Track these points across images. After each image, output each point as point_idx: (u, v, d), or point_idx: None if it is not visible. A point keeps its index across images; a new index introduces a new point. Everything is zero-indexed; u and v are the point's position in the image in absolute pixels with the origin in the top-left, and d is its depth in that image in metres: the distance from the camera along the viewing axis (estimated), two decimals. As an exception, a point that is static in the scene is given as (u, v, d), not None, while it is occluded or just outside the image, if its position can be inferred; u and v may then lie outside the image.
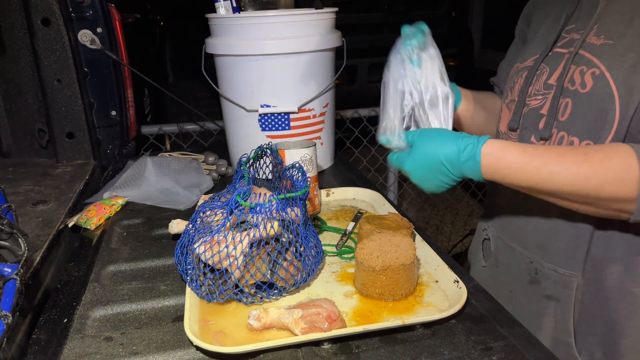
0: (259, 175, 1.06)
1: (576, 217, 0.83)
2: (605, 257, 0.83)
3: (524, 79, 0.90)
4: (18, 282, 0.72)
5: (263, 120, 1.32)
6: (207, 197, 1.11)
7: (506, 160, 0.77)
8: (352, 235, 1.05)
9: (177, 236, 1.02)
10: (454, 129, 0.91)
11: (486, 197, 1.10)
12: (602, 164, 0.72)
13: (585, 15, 0.84)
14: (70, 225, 1.11)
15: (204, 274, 0.81)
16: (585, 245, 0.84)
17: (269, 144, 1.03)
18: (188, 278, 0.83)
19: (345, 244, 1.01)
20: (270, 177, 1.07)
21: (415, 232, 0.99)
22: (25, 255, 0.77)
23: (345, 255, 0.97)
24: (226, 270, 0.79)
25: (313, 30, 1.27)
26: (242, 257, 0.79)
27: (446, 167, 0.79)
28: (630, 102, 0.73)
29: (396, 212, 1.08)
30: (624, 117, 0.74)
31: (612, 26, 0.79)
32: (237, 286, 0.80)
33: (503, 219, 0.99)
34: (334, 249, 0.98)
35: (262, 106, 1.30)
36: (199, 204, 1.13)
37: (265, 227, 0.80)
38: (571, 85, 0.81)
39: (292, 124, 1.32)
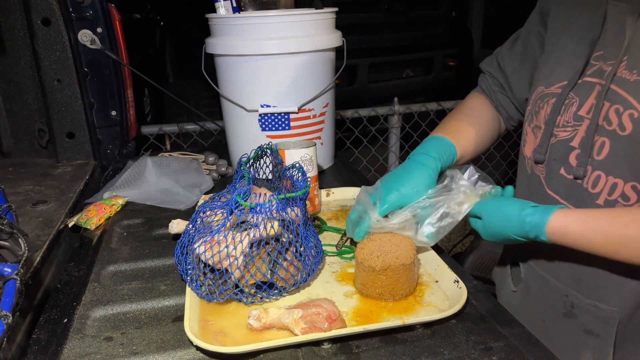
0: (259, 175, 1.06)
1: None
2: None
3: (550, 106, 0.86)
4: (18, 282, 0.72)
5: (263, 120, 1.32)
6: (207, 197, 1.11)
7: (571, 237, 0.76)
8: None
9: (177, 236, 1.02)
10: None
11: None
12: None
13: (612, 43, 0.80)
14: (70, 225, 1.11)
15: (204, 274, 0.81)
16: (630, 282, 0.80)
17: (269, 144, 1.03)
18: (188, 278, 0.83)
19: (345, 243, 1.01)
20: (270, 177, 1.07)
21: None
22: (26, 255, 0.77)
23: (346, 255, 0.97)
24: (226, 270, 0.79)
25: (313, 30, 1.27)
26: (242, 257, 0.79)
27: (519, 239, 0.80)
28: None
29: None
30: None
31: None
32: (237, 286, 0.80)
33: (535, 246, 0.89)
34: (334, 249, 0.98)
35: (262, 106, 1.30)
36: (199, 204, 1.13)
37: (265, 227, 0.80)
38: (607, 125, 0.77)
39: (292, 124, 1.32)
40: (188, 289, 0.82)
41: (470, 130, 1.02)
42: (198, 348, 0.71)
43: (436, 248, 0.94)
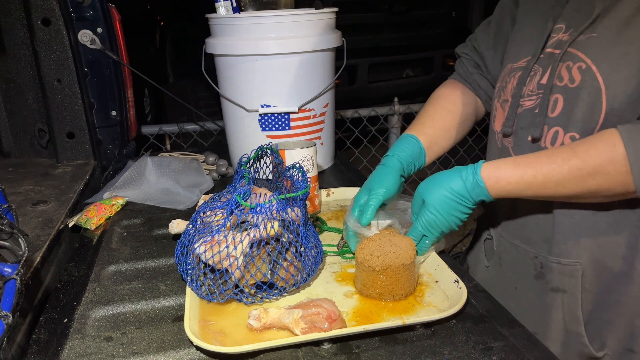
0: (259, 175, 1.06)
1: (576, 206, 0.85)
2: (610, 242, 0.84)
3: (517, 79, 0.91)
4: (18, 282, 0.72)
5: (263, 120, 1.32)
6: (207, 197, 1.11)
7: (504, 177, 0.81)
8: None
9: (177, 236, 1.02)
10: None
11: None
12: (588, 153, 0.75)
13: (573, 17, 0.86)
14: (70, 225, 1.11)
15: (204, 274, 0.81)
16: (588, 232, 0.85)
17: (269, 144, 1.03)
18: (188, 278, 0.83)
19: (346, 243, 1.01)
20: (270, 177, 1.07)
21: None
22: (26, 255, 0.77)
23: (347, 255, 0.97)
24: (226, 270, 0.79)
25: (313, 30, 1.27)
26: (242, 257, 0.79)
27: (460, 200, 0.83)
28: (617, 93, 0.76)
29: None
30: (611, 107, 0.77)
31: (597, 19, 0.80)
32: (237, 286, 0.80)
33: (505, 217, 1.00)
34: (334, 249, 0.98)
35: (262, 106, 1.30)
36: (199, 204, 1.13)
37: (265, 227, 0.80)
38: (559, 82, 0.83)
39: (292, 124, 1.32)
40: (188, 289, 0.82)
41: (437, 118, 1.07)
42: (198, 348, 0.71)
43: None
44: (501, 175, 0.81)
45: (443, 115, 1.07)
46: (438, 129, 1.05)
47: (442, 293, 0.84)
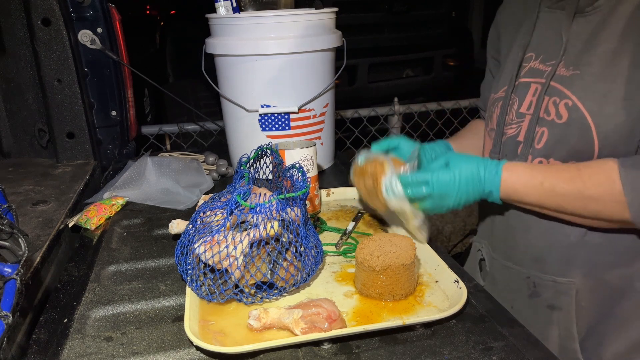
0: (259, 175, 1.06)
1: (566, 227, 0.87)
2: (604, 260, 0.87)
3: (499, 109, 0.96)
4: (18, 282, 0.72)
5: (263, 120, 1.32)
6: (207, 197, 1.11)
7: (517, 174, 0.84)
8: (353, 235, 1.05)
9: (177, 236, 1.02)
10: None
11: (480, 219, 1.12)
12: (591, 179, 0.78)
13: (540, 44, 0.91)
14: (70, 225, 1.11)
15: (204, 274, 0.81)
16: (580, 252, 0.87)
17: (269, 144, 1.03)
18: (188, 278, 0.83)
19: (346, 242, 1.01)
20: (270, 177, 1.07)
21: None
22: (26, 255, 0.77)
23: (349, 255, 0.97)
24: (226, 270, 0.79)
25: (313, 30, 1.27)
26: (242, 257, 0.79)
27: (481, 178, 0.85)
28: (608, 130, 0.79)
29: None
30: (603, 144, 0.80)
31: (577, 56, 0.84)
32: (237, 286, 0.80)
33: (495, 239, 1.03)
34: (334, 249, 0.98)
35: (262, 106, 1.30)
36: (199, 204, 1.13)
37: (265, 227, 0.80)
38: (547, 116, 0.86)
39: (292, 124, 1.32)
40: (188, 289, 0.82)
41: (468, 136, 1.14)
42: (198, 348, 0.71)
43: (436, 248, 0.94)
44: (515, 170, 0.84)
45: (475, 140, 1.12)
46: (469, 142, 1.12)
47: (442, 293, 0.84)
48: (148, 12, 3.54)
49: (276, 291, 0.83)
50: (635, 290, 0.86)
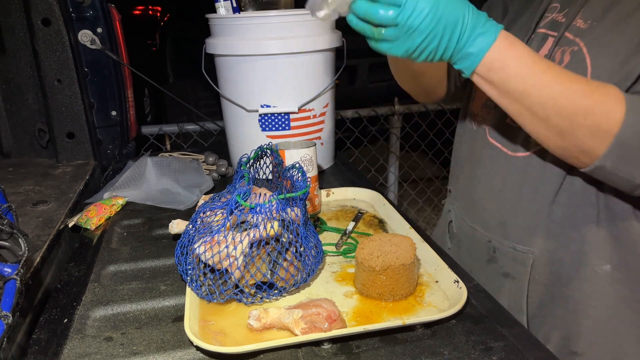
0: (259, 175, 1.06)
1: (536, 194, 0.84)
2: (565, 235, 0.84)
3: None
4: (18, 282, 0.72)
5: (263, 120, 1.32)
6: (207, 197, 1.11)
7: (517, 49, 0.70)
8: (353, 235, 1.05)
9: (177, 236, 1.02)
10: None
11: (451, 181, 1.10)
12: (598, 89, 0.70)
13: None
14: (70, 225, 1.11)
15: (204, 274, 0.81)
16: (543, 221, 0.85)
17: (269, 144, 1.04)
18: (188, 278, 0.83)
19: (346, 242, 1.01)
20: (270, 177, 1.07)
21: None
22: (26, 255, 0.77)
23: (349, 255, 0.97)
24: (226, 270, 0.79)
25: (313, 30, 1.27)
26: (242, 257, 0.79)
27: (463, 25, 0.68)
28: (601, 75, 0.74)
29: (400, 215, 1.08)
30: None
31: (599, 10, 0.78)
32: (237, 286, 0.80)
33: (468, 201, 1.00)
34: (334, 249, 0.98)
35: (262, 106, 1.30)
36: (199, 204, 1.13)
37: (265, 227, 0.80)
38: None
39: (292, 124, 1.32)
40: (188, 289, 0.82)
41: None
42: (198, 348, 0.71)
43: (436, 248, 0.94)
44: (517, 45, 0.71)
45: None
46: None
47: (442, 293, 0.84)
48: (150, 12, 3.55)
49: (276, 291, 0.83)
50: (590, 275, 0.82)
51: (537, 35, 0.86)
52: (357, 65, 3.69)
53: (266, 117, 1.31)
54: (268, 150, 1.03)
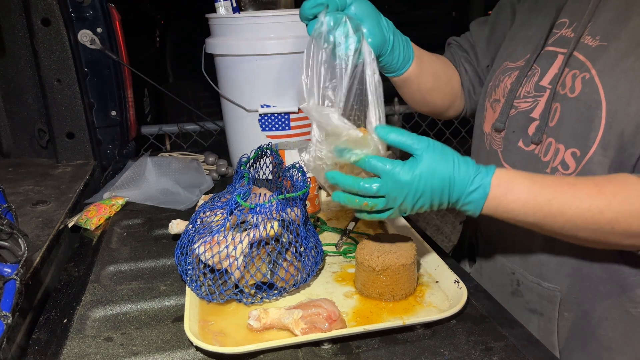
0: (259, 175, 1.06)
1: None
2: (595, 275, 0.79)
3: (513, 79, 0.85)
4: (18, 282, 0.72)
5: (263, 120, 1.32)
6: (207, 197, 1.11)
7: (514, 193, 0.69)
8: (353, 235, 1.04)
9: (177, 236, 1.02)
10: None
11: None
12: (616, 197, 0.67)
13: (577, 9, 0.79)
14: (70, 225, 1.11)
15: (204, 274, 0.81)
16: (570, 260, 0.80)
17: (269, 144, 1.03)
18: (188, 278, 0.83)
19: (346, 242, 1.01)
20: (270, 177, 1.07)
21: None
22: (25, 255, 0.77)
23: (349, 255, 0.97)
24: (226, 270, 0.79)
25: (313, 30, 1.26)
26: (242, 257, 0.79)
27: (451, 189, 0.70)
28: (618, 109, 0.70)
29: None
30: (610, 125, 0.70)
31: (607, 25, 0.74)
32: (237, 286, 0.80)
33: (488, 225, 0.95)
34: (334, 249, 0.98)
35: (262, 106, 1.30)
36: (199, 204, 1.13)
37: (265, 228, 0.80)
38: (562, 89, 0.77)
39: (292, 124, 1.32)
40: (188, 289, 0.81)
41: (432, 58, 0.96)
42: (198, 348, 0.71)
43: (436, 248, 0.94)
44: (512, 189, 0.69)
45: (441, 73, 0.99)
46: (429, 60, 0.95)
47: (442, 293, 0.84)
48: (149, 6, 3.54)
49: (276, 291, 0.83)
50: (625, 316, 0.77)
51: (545, 52, 0.82)
52: (357, 65, 3.69)
53: (266, 117, 1.31)
54: (268, 150, 1.03)
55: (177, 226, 1.01)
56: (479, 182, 0.69)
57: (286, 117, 1.31)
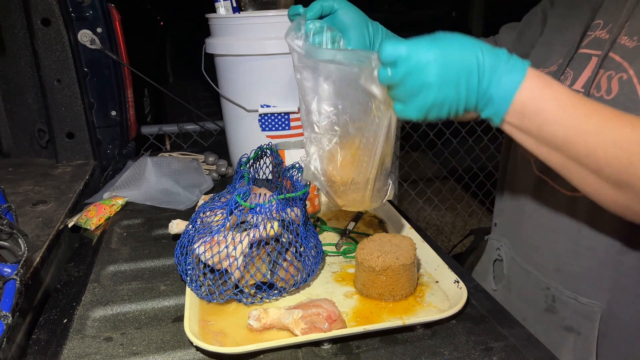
0: (259, 175, 1.06)
1: (599, 238, 0.75)
2: (636, 288, 0.74)
3: None
4: (18, 282, 0.72)
5: (263, 120, 1.32)
6: (207, 197, 1.11)
7: (553, 90, 0.59)
8: (353, 235, 1.04)
9: (177, 236, 1.02)
10: None
11: (496, 214, 1.01)
12: None
13: (613, 9, 0.74)
14: (70, 225, 1.11)
15: (204, 274, 0.81)
16: (609, 272, 0.75)
17: (269, 144, 1.03)
18: (188, 278, 0.83)
19: (346, 242, 1.01)
20: (270, 177, 1.07)
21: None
22: (25, 255, 0.77)
23: (349, 255, 0.97)
24: (226, 270, 0.79)
25: (313, 30, 1.26)
26: (242, 257, 0.79)
27: (480, 70, 0.59)
28: None
29: (400, 215, 1.08)
30: None
31: None
32: (237, 286, 0.80)
33: (518, 238, 0.91)
34: (334, 249, 0.98)
35: (262, 106, 1.30)
36: (199, 204, 1.13)
37: (265, 228, 0.80)
38: (597, 92, 0.72)
39: (292, 124, 1.32)
40: (188, 289, 0.81)
41: None
42: (198, 348, 0.71)
43: (436, 248, 0.94)
44: (552, 84, 0.59)
45: None
46: None
47: (442, 293, 0.84)
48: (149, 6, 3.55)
49: (276, 291, 0.83)
50: None
51: (579, 55, 0.77)
52: (357, 65, 3.69)
53: (266, 117, 1.31)
54: (268, 150, 1.03)
55: (177, 226, 1.01)
56: (514, 64, 0.59)
57: (286, 117, 1.31)
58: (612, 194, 0.61)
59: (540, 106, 0.59)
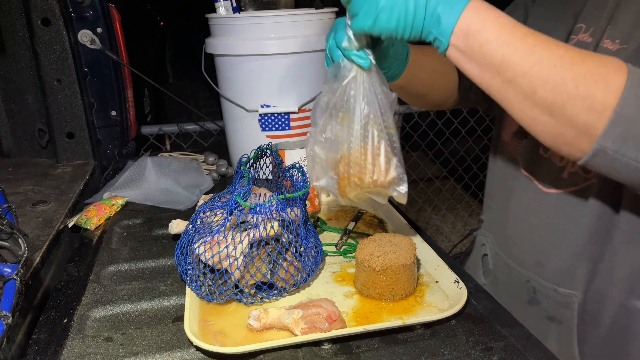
0: (259, 175, 1.06)
1: (571, 234, 0.79)
2: (614, 276, 0.77)
3: None
4: (18, 282, 0.72)
5: (263, 120, 1.32)
6: (207, 197, 1.11)
7: (494, 12, 0.62)
8: (353, 235, 1.04)
9: (177, 236, 1.02)
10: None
11: (484, 210, 1.05)
12: (593, 58, 0.61)
13: (595, 13, 0.76)
14: (70, 225, 1.11)
15: (204, 274, 0.81)
16: (585, 263, 0.79)
17: (269, 144, 1.03)
18: (188, 278, 0.83)
19: (346, 242, 1.01)
20: (270, 177, 1.07)
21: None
22: (25, 255, 0.77)
23: (349, 255, 0.97)
24: (226, 270, 0.79)
25: (313, 30, 1.27)
26: (242, 257, 0.79)
27: (404, 30, 0.63)
28: None
29: (400, 215, 1.08)
30: None
31: (628, 28, 0.71)
32: (237, 286, 0.80)
33: (501, 234, 0.95)
34: (334, 249, 0.98)
35: (262, 106, 1.30)
36: (199, 204, 1.13)
37: (265, 228, 0.80)
38: None
39: (292, 124, 1.32)
40: (188, 289, 0.81)
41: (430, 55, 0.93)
42: (198, 348, 0.71)
43: (436, 248, 0.94)
44: (494, 9, 0.63)
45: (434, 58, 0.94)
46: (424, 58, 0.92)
47: (442, 293, 0.84)
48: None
49: (276, 291, 0.83)
50: None
51: None
52: (357, 65, 3.68)
53: (266, 117, 1.31)
54: (268, 150, 1.03)
55: (177, 226, 1.01)
56: (444, 19, 0.62)
57: (286, 117, 1.31)
58: (547, 120, 0.63)
59: (483, 25, 0.62)
